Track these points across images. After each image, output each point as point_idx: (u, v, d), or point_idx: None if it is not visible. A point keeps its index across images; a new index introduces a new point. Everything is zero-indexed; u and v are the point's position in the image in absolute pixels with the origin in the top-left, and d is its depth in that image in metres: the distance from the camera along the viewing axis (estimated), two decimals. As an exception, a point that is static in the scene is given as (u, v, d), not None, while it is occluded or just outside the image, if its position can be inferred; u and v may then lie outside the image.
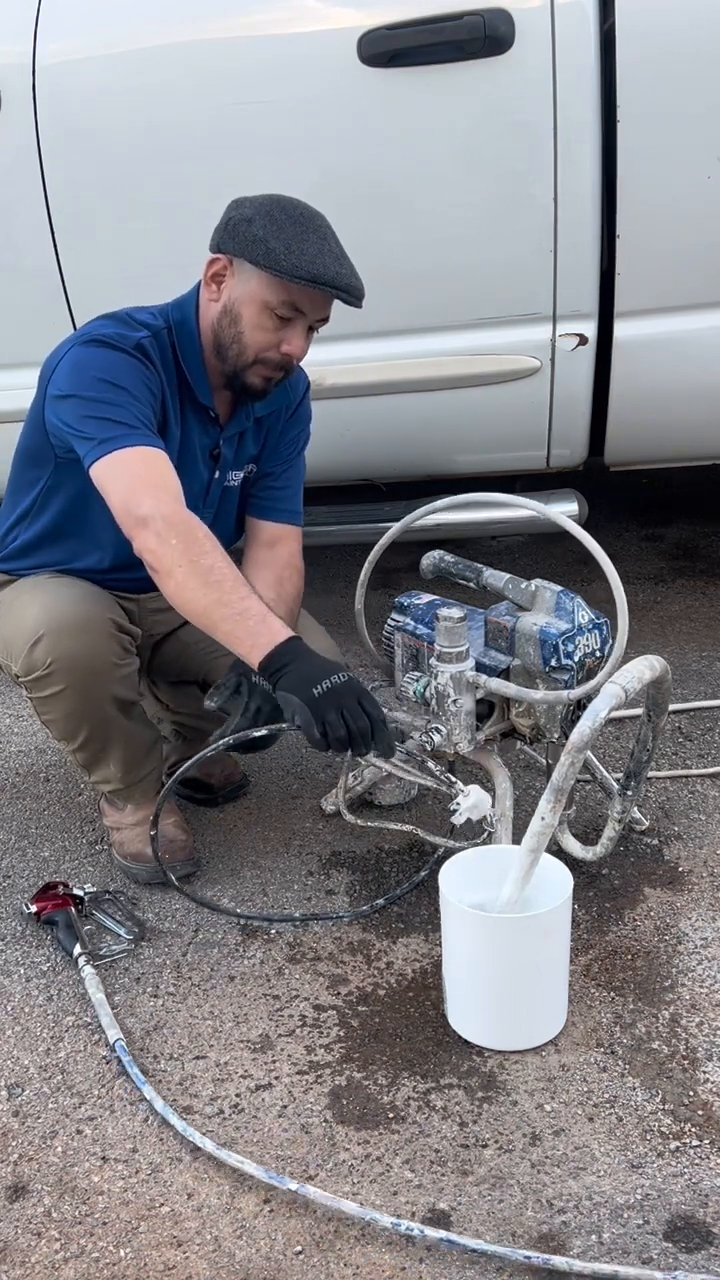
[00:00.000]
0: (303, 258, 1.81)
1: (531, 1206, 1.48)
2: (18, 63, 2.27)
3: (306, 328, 1.91)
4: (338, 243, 1.87)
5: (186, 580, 1.73)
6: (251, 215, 1.85)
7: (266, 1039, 1.77)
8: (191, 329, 1.95)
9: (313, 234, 1.84)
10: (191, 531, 1.76)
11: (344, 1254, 1.43)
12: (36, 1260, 1.46)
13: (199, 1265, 1.44)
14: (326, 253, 1.83)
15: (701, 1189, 1.49)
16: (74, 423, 1.84)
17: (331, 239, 1.86)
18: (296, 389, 2.12)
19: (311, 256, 1.82)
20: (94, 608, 1.94)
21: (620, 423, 2.47)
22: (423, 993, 1.83)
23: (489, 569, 2.01)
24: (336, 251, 1.86)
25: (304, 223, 1.85)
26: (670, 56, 2.17)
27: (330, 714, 1.68)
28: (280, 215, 1.84)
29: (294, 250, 1.81)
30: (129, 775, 2.08)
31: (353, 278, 1.86)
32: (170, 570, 1.74)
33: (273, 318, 1.87)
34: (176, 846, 2.11)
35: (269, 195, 1.88)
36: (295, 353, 1.91)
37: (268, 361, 1.91)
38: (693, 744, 2.44)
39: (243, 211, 1.87)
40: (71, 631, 1.90)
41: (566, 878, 1.72)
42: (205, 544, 1.75)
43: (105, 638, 1.92)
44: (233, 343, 1.91)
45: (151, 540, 1.74)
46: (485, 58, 2.17)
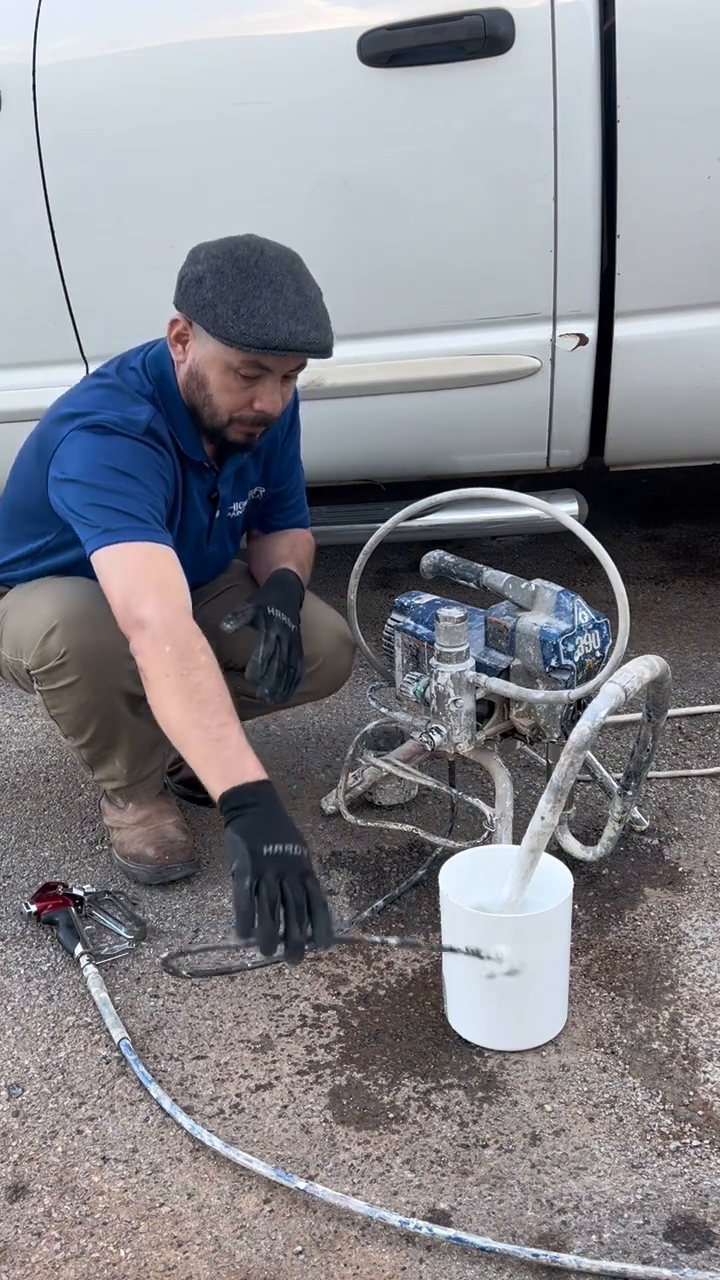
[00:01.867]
0: (251, 322, 1.73)
1: (532, 1206, 1.48)
2: (18, 63, 2.27)
3: (280, 379, 1.84)
4: (299, 289, 1.77)
5: (171, 692, 1.67)
6: (203, 273, 1.76)
7: (267, 1039, 1.77)
8: (173, 389, 1.90)
9: (266, 288, 1.74)
10: (189, 643, 1.70)
11: (344, 1254, 1.43)
12: (36, 1260, 1.46)
13: (199, 1265, 1.44)
14: (281, 309, 1.74)
15: (701, 1189, 1.49)
16: (79, 509, 1.80)
17: (289, 289, 1.75)
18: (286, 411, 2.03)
19: (261, 319, 1.73)
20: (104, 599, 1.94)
21: (620, 423, 2.46)
22: (423, 993, 1.83)
23: (489, 569, 2.01)
24: (294, 304, 1.75)
25: (257, 276, 1.74)
26: (670, 57, 2.17)
27: (270, 874, 1.51)
28: (231, 271, 1.75)
29: (243, 314, 1.73)
30: (134, 772, 2.08)
31: (312, 332, 1.76)
32: (158, 679, 1.69)
33: (238, 378, 1.81)
34: (177, 847, 2.11)
35: (226, 243, 1.79)
36: (269, 409, 1.85)
37: (243, 420, 1.86)
38: (693, 744, 2.44)
39: (196, 268, 1.78)
40: (84, 621, 1.90)
41: (566, 878, 1.72)
42: (200, 658, 1.69)
43: (117, 629, 1.92)
44: (204, 405, 1.86)
45: (147, 644, 1.71)
46: (485, 58, 2.17)
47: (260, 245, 1.78)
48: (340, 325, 2.38)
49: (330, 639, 2.14)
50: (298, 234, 2.29)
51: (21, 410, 2.25)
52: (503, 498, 2.02)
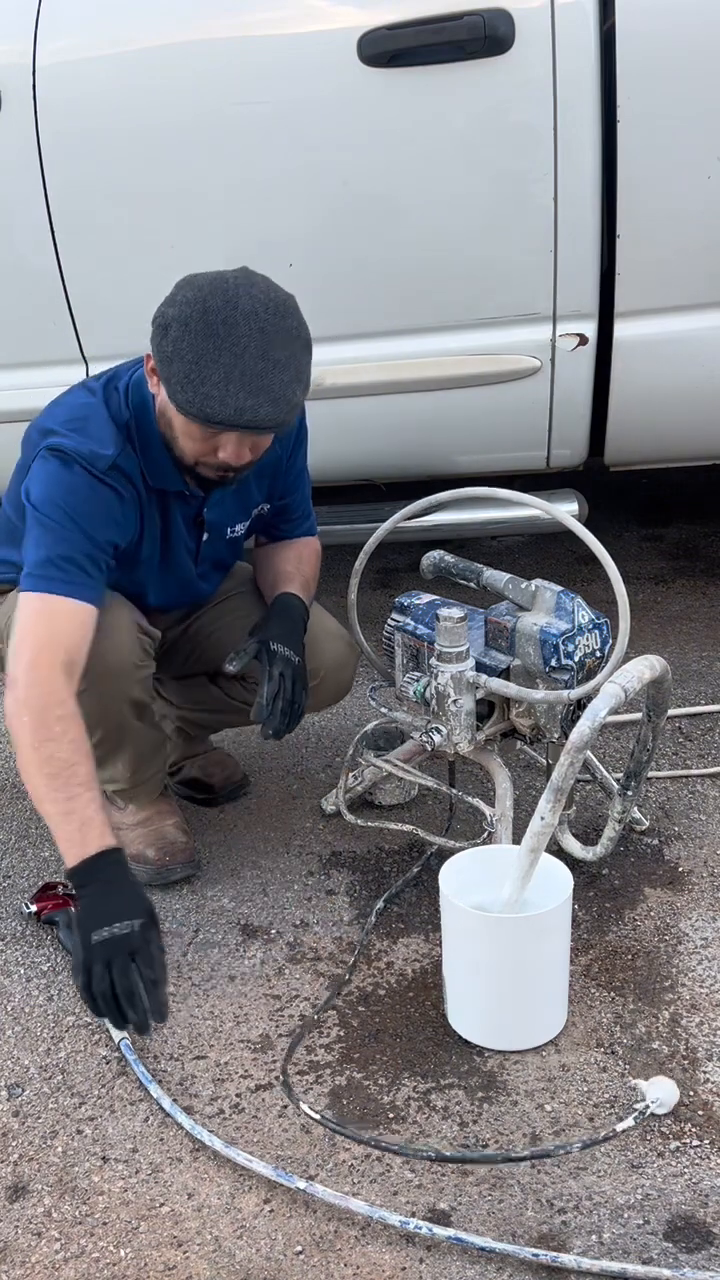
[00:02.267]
0: (199, 392, 1.66)
1: (531, 1206, 1.48)
2: (18, 63, 2.27)
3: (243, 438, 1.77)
4: (265, 354, 1.66)
5: (26, 762, 1.70)
6: (171, 320, 1.68)
7: (267, 1039, 1.77)
8: (151, 419, 1.85)
9: (226, 353, 1.65)
10: (45, 712, 1.69)
11: (344, 1254, 1.43)
12: (37, 1260, 1.46)
13: (199, 1265, 1.44)
14: (235, 380, 1.65)
15: (701, 1189, 1.49)
16: (29, 536, 1.81)
17: (250, 356, 1.65)
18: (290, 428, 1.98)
19: (209, 391, 1.65)
20: (119, 610, 1.92)
21: (620, 423, 2.46)
22: (423, 993, 1.83)
23: (489, 569, 2.01)
24: (252, 373, 1.66)
25: (220, 337, 1.65)
26: (670, 57, 2.17)
27: (98, 966, 1.58)
28: (197, 326, 1.66)
29: (193, 381, 1.66)
30: (136, 776, 2.08)
31: (263, 408, 1.67)
32: (18, 746, 1.71)
33: (199, 429, 1.74)
34: (177, 848, 2.11)
35: (205, 288, 1.69)
36: (232, 460, 1.77)
37: (208, 465, 1.81)
38: (693, 744, 2.44)
39: (169, 311, 1.70)
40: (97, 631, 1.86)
41: (566, 878, 1.72)
42: (54, 728, 1.69)
43: (130, 639, 1.92)
44: (172, 444, 1.83)
45: (10, 705, 1.72)
46: (485, 58, 2.16)
47: (236, 296, 1.68)
48: (340, 325, 2.38)
49: (333, 652, 2.12)
50: (298, 234, 2.31)
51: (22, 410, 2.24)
52: (503, 498, 2.02)
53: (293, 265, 2.32)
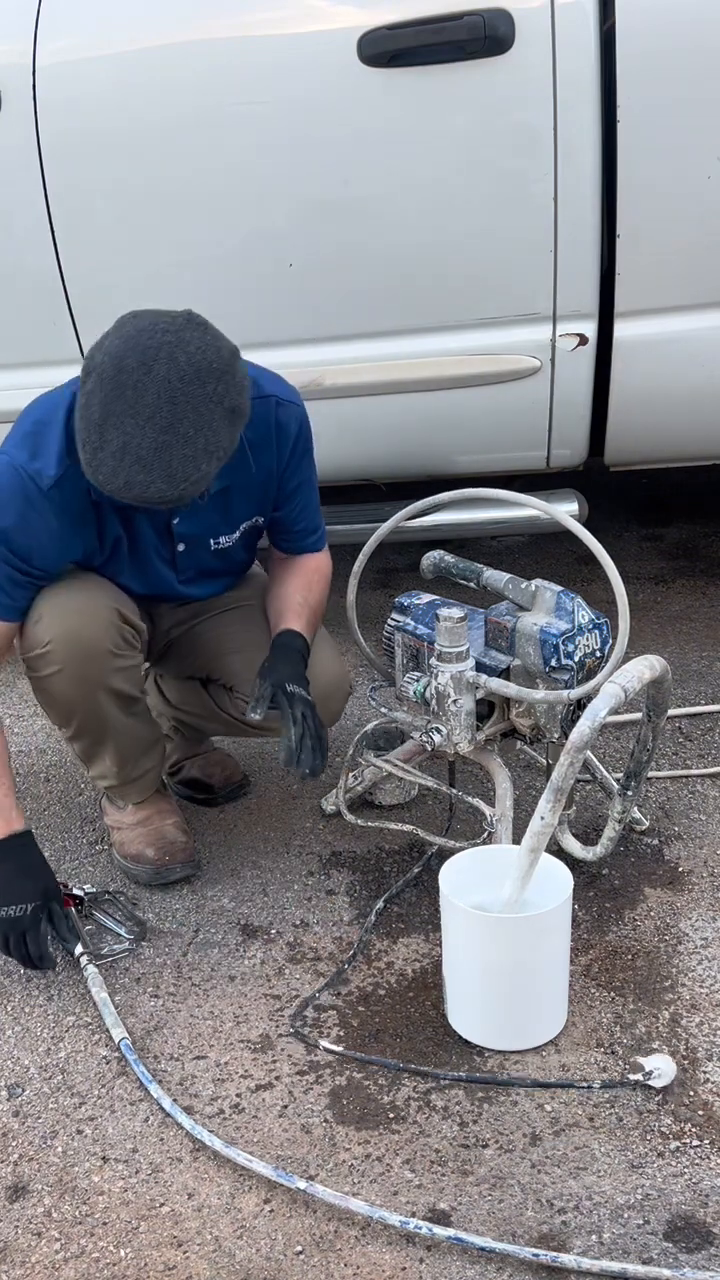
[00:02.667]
0: (96, 457, 1.63)
1: (532, 1206, 1.48)
2: (18, 63, 2.27)
3: None
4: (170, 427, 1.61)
5: None
6: (92, 369, 1.64)
7: (267, 1039, 1.77)
8: None
9: (128, 421, 1.60)
10: None
11: (344, 1254, 1.43)
12: (37, 1260, 1.46)
13: (199, 1265, 1.44)
14: (130, 452, 1.61)
15: (701, 1189, 1.49)
16: None
17: (153, 428, 1.60)
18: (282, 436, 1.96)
19: (103, 459, 1.63)
20: (97, 594, 1.93)
21: (620, 423, 2.46)
22: (423, 992, 1.83)
23: (489, 569, 2.01)
24: (150, 447, 1.61)
25: (125, 401, 1.60)
26: (671, 56, 2.17)
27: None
28: (109, 381, 1.61)
29: (92, 443, 1.63)
30: (124, 772, 2.08)
31: (155, 484, 1.63)
32: None
33: None
34: (177, 848, 2.11)
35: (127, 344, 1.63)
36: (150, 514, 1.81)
37: None
38: (693, 744, 2.44)
39: (96, 357, 1.65)
40: (71, 612, 1.89)
41: (566, 878, 1.72)
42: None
43: (105, 624, 1.91)
44: None
45: None
46: (485, 58, 2.16)
47: (155, 358, 1.61)
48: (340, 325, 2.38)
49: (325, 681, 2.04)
50: (298, 234, 2.31)
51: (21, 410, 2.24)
52: (503, 498, 2.02)
53: (293, 265, 2.33)
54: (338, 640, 2.25)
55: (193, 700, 2.26)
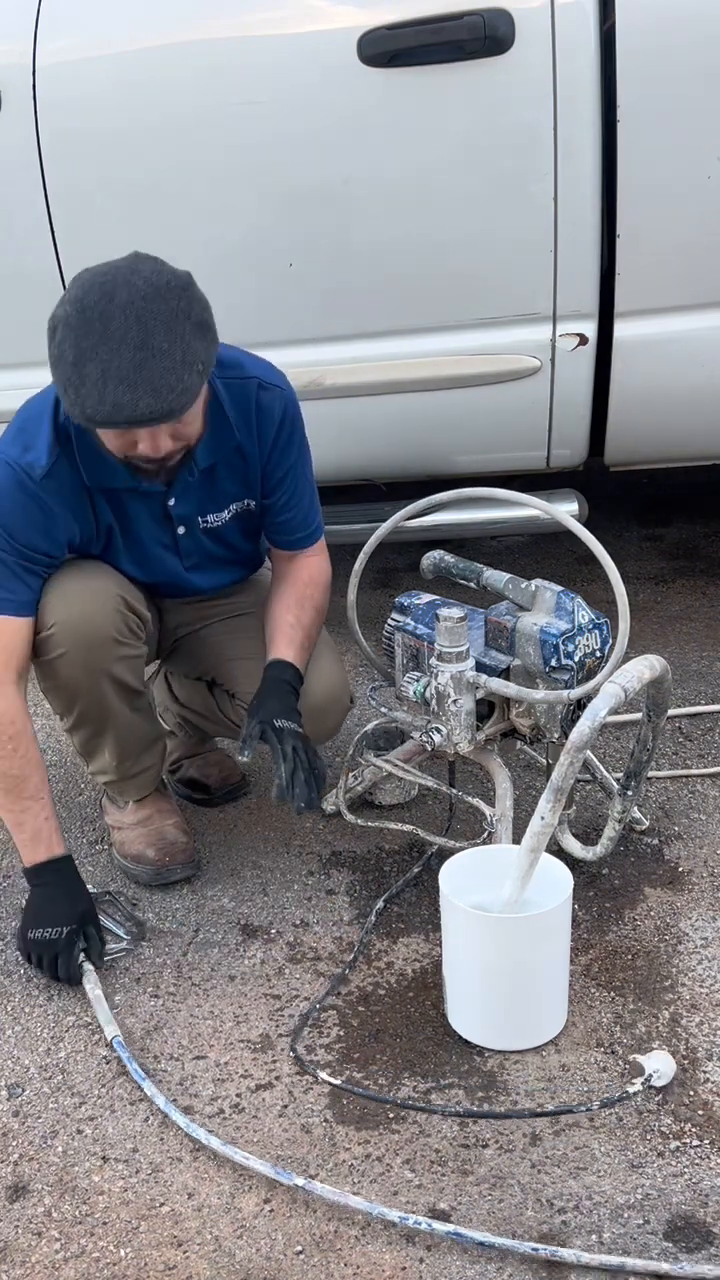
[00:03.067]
0: (79, 394, 1.63)
1: (532, 1206, 1.48)
2: (18, 62, 2.27)
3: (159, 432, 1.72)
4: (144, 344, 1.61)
5: None
6: (58, 320, 1.66)
7: (267, 1039, 1.77)
8: None
9: (102, 348, 1.61)
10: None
11: (344, 1254, 1.43)
12: (37, 1260, 1.46)
13: (199, 1265, 1.44)
14: (111, 376, 1.61)
15: (701, 1189, 1.49)
16: None
17: (128, 347, 1.61)
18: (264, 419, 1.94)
19: (88, 392, 1.63)
20: (104, 580, 1.93)
21: (620, 423, 2.46)
22: (423, 992, 1.83)
23: (489, 569, 2.01)
24: (129, 366, 1.61)
25: (96, 334, 1.61)
26: (670, 56, 2.17)
27: (33, 955, 1.90)
28: (76, 323, 1.63)
29: (73, 383, 1.64)
30: (123, 767, 2.08)
31: (143, 401, 1.62)
32: None
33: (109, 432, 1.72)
34: (177, 849, 2.11)
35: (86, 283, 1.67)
36: (150, 453, 1.73)
37: (136, 458, 1.76)
38: (693, 744, 2.44)
39: (57, 312, 1.67)
40: (75, 598, 1.90)
41: (566, 877, 1.72)
42: (6, 746, 1.87)
43: (109, 610, 1.91)
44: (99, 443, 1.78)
45: None
46: (485, 58, 2.16)
47: (114, 288, 1.64)
48: (340, 325, 2.38)
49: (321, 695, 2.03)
50: (297, 233, 2.31)
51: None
52: (503, 498, 2.02)
53: (292, 265, 2.33)
54: (337, 641, 2.24)
55: (198, 700, 2.27)
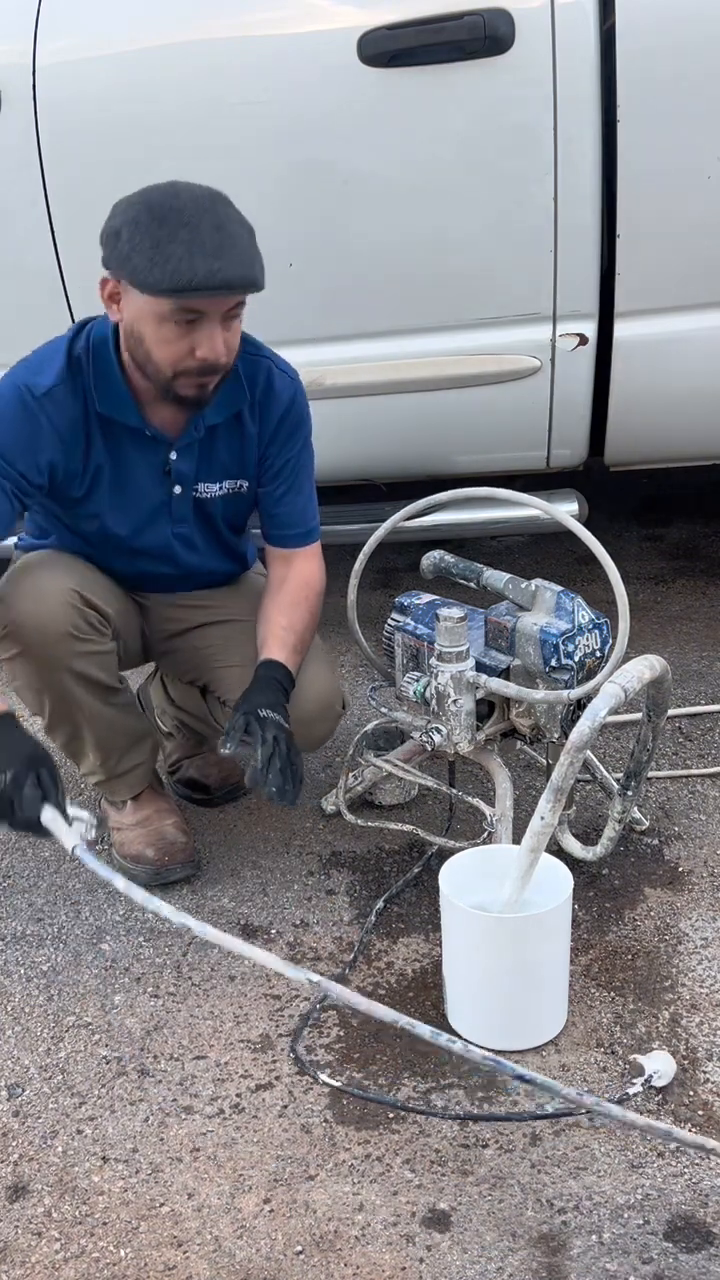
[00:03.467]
0: (166, 269, 1.67)
1: (532, 1206, 1.48)
2: (18, 63, 2.27)
3: (219, 322, 1.76)
4: (219, 226, 1.70)
5: None
6: (120, 226, 1.73)
7: (267, 1039, 1.77)
8: (110, 353, 1.86)
9: (181, 230, 1.68)
10: None
11: (344, 1254, 1.43)
12: (37, 1260, 1.46)
13: (199, 1265, 1.44)
14: (197, 249, 1.67)
15: (701, 1189, 1.49)
16: None
17: (206, 227, 1.68)
18: (271, 400, 1.98)
19: (177, 263, 1.67)
20: (58, 576, 1.92)
21: (620, 423, 2.46)
22: (423, 992, 1.83)
23: (489, 569, 2.01)
24: (212, 242, 1.68)
25: (172, 220, 1.69)
26: (671, 57, 2.17)
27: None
28: (145, 219, 1.70)
29: (157, 262, 1.68)
30: (109, 764, 2.07)
31: (232, 269, 1.69)
32: None
33: (173, 327, 1.74)
34: (176, 848, 2.11)
35: (143, 192, 1.74)
36: (210, 355, 1.76)
37: (188, 371, 1.79)
38: (693, 744, 2.44)
39: (114, 222, 1.75)
40: (27, 594, 1.90)
41: (566, 877, 1.72)
42: None
43: (61, 606, 1.90)
44: (146, 362, 1.81)
45: None
46: (485, 58, 2.17)
47: (177, 188, 1.73)
48: (340, 325, 2.38)
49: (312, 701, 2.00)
50: (297, 233, 2.31)
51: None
52: (503, 498, 2.02)
53: (292, 265, 2.33)
54: (337, 641, 2.24)
55: (191, 703, 2.27)
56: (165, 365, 1.79)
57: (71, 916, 2.06)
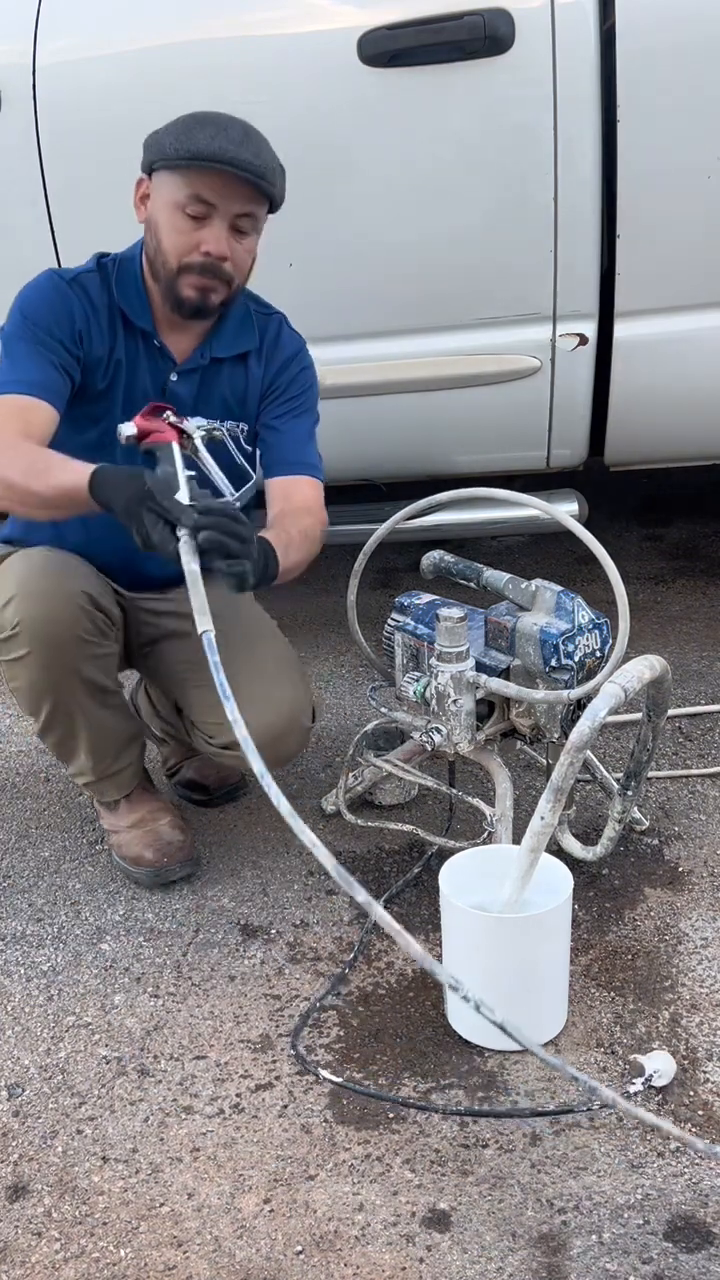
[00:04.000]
0: (189, 142, 1.80)
1: (532, 1206, 1.48)
2: (18, 62, 2.27)
3: (228, 227, 1.86)
4: (247, 132, 1.83)
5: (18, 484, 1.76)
6: (161, 131, 1.86)
7: (267, 1039, 1.77)
8: (134, 258, 1.96)
9: (210, 125, 1.82)
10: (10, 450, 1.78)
11: (344, 1254, 1.43)
12: (37, 1260, 1.46)
13: (199, 1265, 1.44)
14: (220, 136, 1.80)
15: (701, 1189, 1.49)
16: None
17: (235, 129, 1.82)
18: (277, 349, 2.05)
19: (198, 140, 1.80)
20: (67, 576, 1.91)
21: (620, 423, 2.47)
22: (423, 992, 1.83)
23: (489, 569, 2.01)
24: (236, 137, 1.81)
25: (206, 119, 1.83)
26: (670, 56, 2.17)
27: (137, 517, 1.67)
28: (185, 118, 1.84)
29: (183, 139, 1.81)
30: (99, 766, 2.05)
31: (245, 154, 1.81)
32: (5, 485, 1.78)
33: (184, 218, 1.85)
34: (175, 847, 2.11)
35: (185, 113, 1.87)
36: (215, 250, 1.85)
37: (192, 266, 1.87)
38: (693, 744, 2.44)
39: (157, 131, 1.88)
40: (39, 595, 1.88)
41: (566, 877, 1.72)
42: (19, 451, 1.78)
43: (73, 607, 1.89)
44: (157, 255, 1.90)
45: None
46: (486, 58, 2.17)
47: (215, 110, 1.86)
48: (340, 325, 2.38)
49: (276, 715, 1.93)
50: (297, 233, 2.31)
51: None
52: (503, 498, 2.02)
53: (293, 265, 2.33)
54: (337, 641, 2.24)
55: (173, 718, 2.27)
56: (172, 255, 1.87)
57: (71, 916, 2.06)
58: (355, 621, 2.18)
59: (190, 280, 1.88)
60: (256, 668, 1.96)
